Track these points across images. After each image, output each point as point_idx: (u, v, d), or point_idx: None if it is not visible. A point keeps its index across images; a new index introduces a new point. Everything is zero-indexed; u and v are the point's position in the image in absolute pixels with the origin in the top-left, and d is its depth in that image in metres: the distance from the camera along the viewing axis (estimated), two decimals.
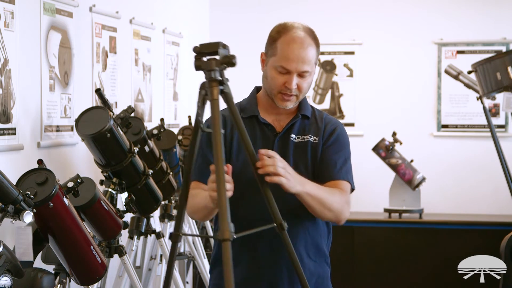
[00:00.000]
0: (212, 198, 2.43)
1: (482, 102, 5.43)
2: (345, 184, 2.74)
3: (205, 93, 2.37)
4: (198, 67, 2.38)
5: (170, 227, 5.03)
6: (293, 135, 2.76)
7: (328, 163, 2.73)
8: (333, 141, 2.76)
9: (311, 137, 2.76)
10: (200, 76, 2.42)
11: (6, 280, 2.50)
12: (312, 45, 2.69)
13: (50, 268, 3.11)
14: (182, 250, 5.39)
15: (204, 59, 2.36)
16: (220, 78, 2.35)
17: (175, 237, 2.43)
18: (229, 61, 2.35)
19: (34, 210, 2.58)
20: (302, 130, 2.77)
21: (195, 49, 2.38)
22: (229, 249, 2.19)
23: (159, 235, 4.54)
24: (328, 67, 7.12)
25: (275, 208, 2.46)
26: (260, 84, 2.86)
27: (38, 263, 3.09)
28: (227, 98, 2.40)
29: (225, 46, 2.38)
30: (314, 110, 2.83)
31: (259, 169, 2.47)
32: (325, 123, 2.78)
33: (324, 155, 2.75)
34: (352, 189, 2.78)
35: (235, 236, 2.24)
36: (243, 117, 2.76)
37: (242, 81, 7.01)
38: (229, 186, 2.41)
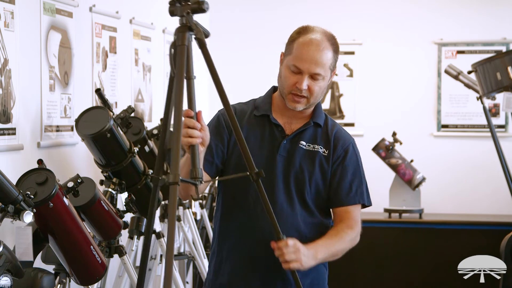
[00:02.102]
0: (182, 143, 2.39)
1: (482, 102, 5.42)
2: (357, 209, 2.77)
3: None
4: (171, 12, 2.40)
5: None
6: (303, 142, 2.75)
7: (342, 186, 2.75)
8: (348, 162, 2.76)
9: (321, 148, 2.76)
10: (201, 75, 2.42)
11: (6, 280, 2.50)
12: (329, 49, 2.67)
13: (50, 268, 3.11)
14: (182, 250, 5.39)
15: (178, 5, 2.38)
16: (189, 24, 2.35)
17: (155, 180, 2.41)
18: (198, 7, 2.35)
19: (34, 210, 2.58)
20: (313, 139, 2.76)
21: None
22: (176, 192, 2.21)
23: (159, 235, 4.54)
24: None
25: (249, 159, 2.46)
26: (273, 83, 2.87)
27: (38, 263, 3.09)
28: (200, 43, 2.40)
29: None
30: (327, 119, 2.81)
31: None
32: (335, 139, 2.77)
33: (339, 177, 2.75)
34: (369, 205, 2.81)
35: (203, 182, 2.32)
36: (256, 115, 2.77)
37: (242, 78, 7.03)
38: (197, 133, 2.39)
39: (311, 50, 2.65)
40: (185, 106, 2.33)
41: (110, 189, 3.78)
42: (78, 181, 2.99)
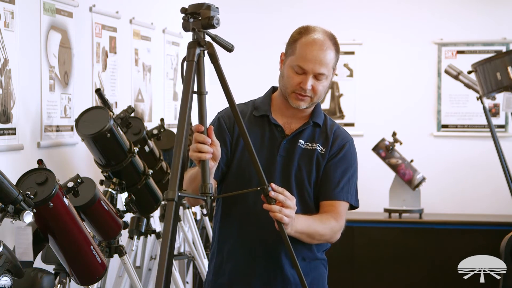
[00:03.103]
0: (192, 157, 2.41)
1: (482, 102, 5.42)
2: (343, 206, 2.75)
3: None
4: (184, 28, 2.41)
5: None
6: (302, 141, 2.76)
7: (331, 180, 2.74)
8: (340, 158, 2.76)
9: (319, 146, 2.76)
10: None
11: (6, 280, 2.50)
12: (332, 49, 2.69)
13: (50, 268, 3.11)
14: (182, 250, 5.39)
15: (191, 20, 2.38)
16: (199, 40, 2.36)
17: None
18: (208, 22, 2.36)
19: (34, 210, 2.58)
20: (312, 138, 2.77)
21: (182, 10, 2.40)
22: (172, 209, 2.23)
23: (159, 235, 4.54)
24: None
25: (260, 172, 2.48)
26: (275, 83, 2.87)
27: (38, 263, 3.09)
28: (212, 59, 2.41)
29: (209, 7, 2.37)
30: (326, 119, 2.82)
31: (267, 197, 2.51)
32: (334, 136, 2.78)
33: (329, 170, 2.75)
34: (355, 207, 2.79)
35: (212, 196, 2.35)
36: (255, 115, 2.78)
37: (242, 78, 7.03)
38: (207, 148, 2.39)
39: (315, 50, 2.66)
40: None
41: (110, 189, 3.78)
42: (78, 181, 2.99)
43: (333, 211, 2.72)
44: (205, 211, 5.21)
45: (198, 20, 2.37)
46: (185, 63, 2.38)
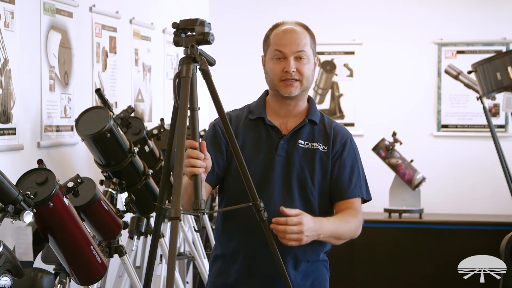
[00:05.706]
0: (186, 173, 2.42)
1: (482, 102, 5.42)
2: (358, 202, 2.78)
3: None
4: (176, 43, 2.41)
5: (170, 227, 5.01)
6: (301, 141, 2.76)
7: (343, 180, 2.75)
8: (345, 156, 2.76)
9: (320, 145, 2.76)
10: (199, 76, 2.43)
11: (6, 280, 2.50)
12: (305, 33, 2.72)
13: (50, 268, 3.11)
14: (182, 250, 5.39)
15: (183, 35, 2.38)
16: (193, 55, 2.37)
17: (158, 209, 2.46)
18: (203, 38, 2.37)
19: (34, 210, 2.58)
20: (311, 137, 2.77)
21: (174, 25, 2.40)
22: (177, 227, 2.24)
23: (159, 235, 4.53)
24: (328, 67, 7.12)
25: (252, 189, 2.51)
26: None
27: (38, 263, 3.09)
28: (205, 75, 2.42)
29: (203, 23, 2.39)
30: (323, 117, 2.82)
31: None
32: (334, 134, 2.78)
33: (338, 171, 2.75)
34: (368, 200, 2.80)
35: (205, 214, 2.36)
36: (251, 119, 2.78)
37: (242, 80, 7.04)
38: (200, 163, 2.41)
39: (288, 33, 2.70)
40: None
41: (110, 189, 3.78)
42: (78, 181, 2.99)
43: (349, 208, 2.74)
44: (196, 227, 5.20)
45: (192, 36, 2.37)
46: (177, 80, 2.39)
